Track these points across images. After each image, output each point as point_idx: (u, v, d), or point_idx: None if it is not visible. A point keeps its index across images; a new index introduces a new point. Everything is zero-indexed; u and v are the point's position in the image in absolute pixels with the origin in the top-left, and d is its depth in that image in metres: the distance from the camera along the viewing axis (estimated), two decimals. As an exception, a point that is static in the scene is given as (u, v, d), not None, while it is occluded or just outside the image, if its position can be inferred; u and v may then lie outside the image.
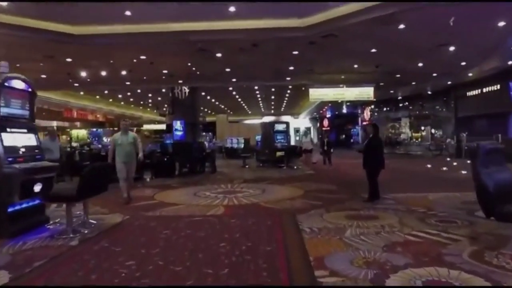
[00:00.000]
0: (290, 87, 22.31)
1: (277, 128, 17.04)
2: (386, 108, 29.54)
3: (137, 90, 23.89)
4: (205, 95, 24.98)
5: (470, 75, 17.34)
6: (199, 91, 20.76)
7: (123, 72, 15.05)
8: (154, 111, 34.77)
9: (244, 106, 34.17)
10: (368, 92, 17.10)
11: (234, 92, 24.98)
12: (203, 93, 23.54)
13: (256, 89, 23.36)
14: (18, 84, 5.54)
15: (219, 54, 12.28)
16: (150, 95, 26.96)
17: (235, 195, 8.52)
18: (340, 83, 17.67)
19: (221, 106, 33.39)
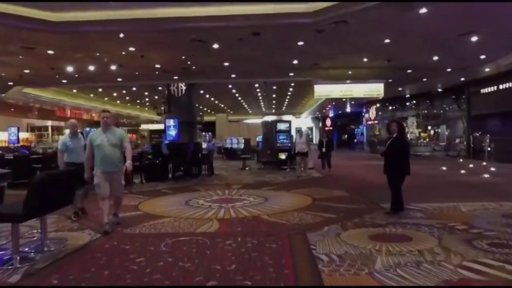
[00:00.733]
0: (293, 84, 21.16)
1: (279, 128, 15.85)
2: (392, 107, 28.28)
3: (132, 88, 22.82)
4: (203, 93, 23.88)
5: (486, 70, 16.12)
6: (197, 88, 19.59)
7: (112, 67, 13.86)
8: (153, 110, 33.63)
9: (245, 105, 33.06)
10: (378, 89, 15.87)
11: (234, 90, 23.86)
12: (201, 91, 22.46)
13: (256, 86, 22.21)
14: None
15: (215, 46, 11.08)
16: (146, 93, 25.86)
17: (233, 204, 7.32)
18: (346, 79, 16.48)
19: (220, 105, 32.30)
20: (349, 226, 5.37)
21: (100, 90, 23.46)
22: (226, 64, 13.76)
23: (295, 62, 13.66)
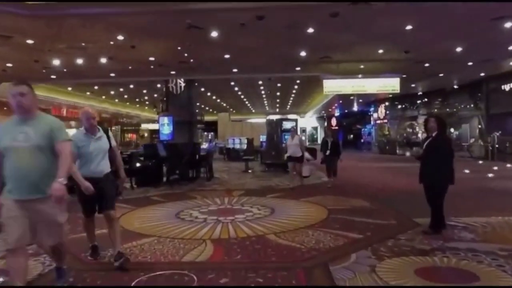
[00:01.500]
0: (298, 82, 19.87)
1: (285, 127, 14.69)
2: (402, 105, 26.89)
3: (129, 86, 21.63)
4: (204, 91, 22.63)
5: (511, 64, 14.79)
6: (197, 85, 18.33)
7: (102, 60, 12.61)
8: (153, 109, 32.45)
9: (248, 104, 31.78)
10: (393, 84, 14.50)
11: (236, 88, 22.57)
12: (202, 88, 21.20)
13: (260, 84, 20.93)
14: None
15: (214, 33, 9.80)
16: (144, 91, 24.66)
17: (233, 217, 6.07)
18: (358, 73, 15.16)
19: (223, 104, 31.04)
20: (383, 253, 4.10)
21: (96, 87, 22.27)
22: (227, 56, 12.46)
23: (302, 54, 12.34)
